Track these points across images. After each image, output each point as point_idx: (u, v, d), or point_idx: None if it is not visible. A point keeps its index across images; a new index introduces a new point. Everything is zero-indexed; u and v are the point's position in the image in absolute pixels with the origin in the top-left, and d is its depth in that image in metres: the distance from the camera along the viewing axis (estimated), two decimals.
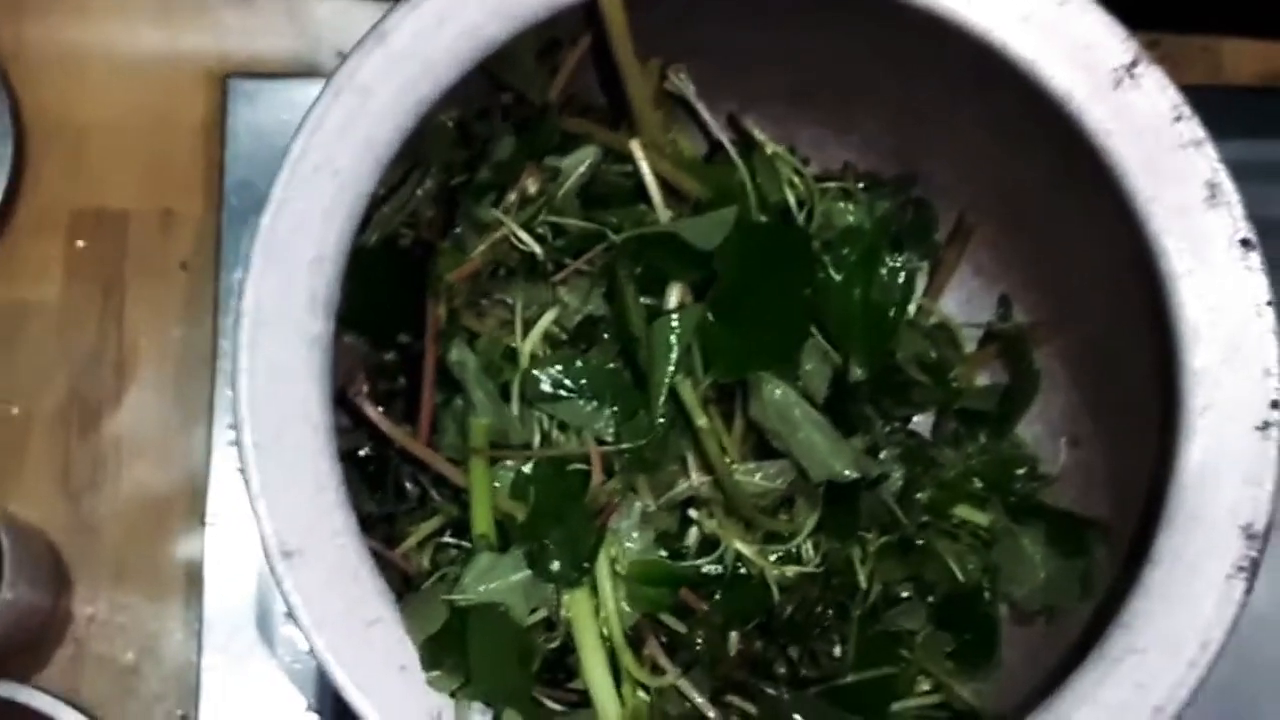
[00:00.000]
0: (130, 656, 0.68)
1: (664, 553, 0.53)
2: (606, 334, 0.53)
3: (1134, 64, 0.52)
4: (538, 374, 0.52)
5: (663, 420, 0.51)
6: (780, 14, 0.57)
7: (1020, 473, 0.60)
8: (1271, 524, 0.50)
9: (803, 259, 0.55)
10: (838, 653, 0.56)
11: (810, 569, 0.55)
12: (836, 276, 0.56)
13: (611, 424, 0.52)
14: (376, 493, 0.55)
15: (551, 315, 0.53)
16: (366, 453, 0.55)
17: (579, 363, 0.52)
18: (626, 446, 0.51)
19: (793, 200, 0.58)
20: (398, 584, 0.51)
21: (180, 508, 0.68)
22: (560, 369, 0.52)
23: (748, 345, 0.52)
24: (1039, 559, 0.57)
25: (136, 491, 0.69)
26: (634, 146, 0.55)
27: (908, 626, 0.57)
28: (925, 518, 0.58)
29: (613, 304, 0.53)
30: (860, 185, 0.60)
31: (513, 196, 0.54)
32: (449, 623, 0.49)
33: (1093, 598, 0.55)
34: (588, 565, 0.51)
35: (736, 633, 0.54)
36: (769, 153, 0.58)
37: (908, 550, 0.57)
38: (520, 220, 0.54)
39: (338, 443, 0.49)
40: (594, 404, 0.52)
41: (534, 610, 0.51)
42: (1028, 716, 0.50)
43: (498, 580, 0.50)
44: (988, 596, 0.58)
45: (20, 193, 0.70)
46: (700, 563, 0.53)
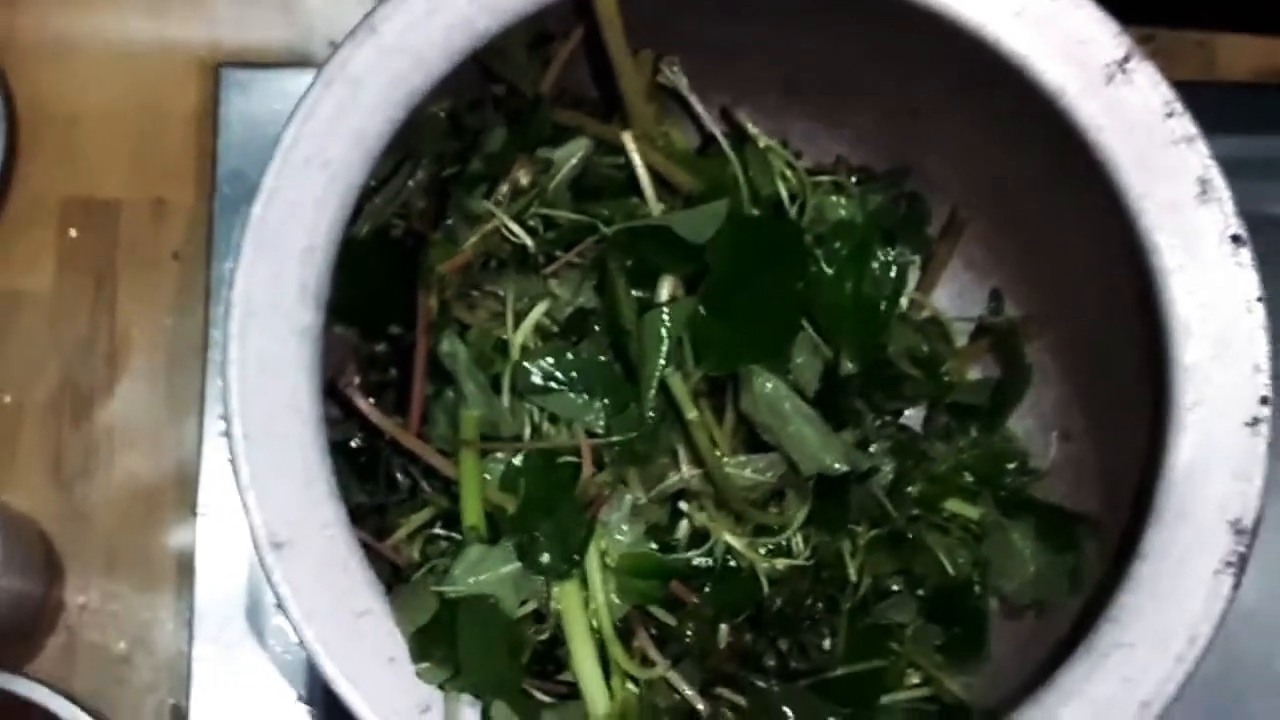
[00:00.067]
0: (122, 646, 0.68)
1: (654, 545, 0.52)
2: (597, 326, 0.53)
3: (1126, 59, 0.52)
4: (528, 366, 0.52)
5: (653, 413, 0.51)
6: (773, 7, 0.57)
7: (1011, 467, 0.60)
8: (1260, 519, 0.50)
9: (795, 253, 0.54)
10: (827, 645, 0.56)
11: (800, 562, 0.54)
12: (828, 270, 0.56)
13: (602, 416, 0.52)
14: (367, 484, 0.55)
15: (543, 307, 0.53)
16: (357, 444, 0.55)
17: (570, 355, 0.52)
18: (617, 439, 0.51)
19: (785, 194, 0.58)
20: (388, 576, 0.51)
21: (172, 497, 0.68)
22: (551, 361, 0.52)
23: (739, 338, 0.52)
24: (1029, 553, 0.57)
25: (128, 481, 0.69)
26: (626, 139, 0.55)
27: (897, 620, 0.57)
28: (915, 511, 0.58)
29: (604, 296, 0.53)
30: (853, 179, 0.60)
31: (504, 188, 0.54)
32: (439, 614, 0.49)
33: (1082, 592, 0.55)
34: (578, 557, 0.51)
35: (726, 625, 0.54)
36: (761, 146, 0.58)
37: (898, 543, 0.57)
38: (512, 212, 0.54)
39: (328, 434, 0.50)
40: (585, 396, 0.52)
41: (524, 602, 0.51)
42: (1016, 710, 0.50)
43: (488, 572, 0.50)
44: (977, 590, 0.58)
45: (11, 182, 0.70)
46: (690, 555, 0.53)
